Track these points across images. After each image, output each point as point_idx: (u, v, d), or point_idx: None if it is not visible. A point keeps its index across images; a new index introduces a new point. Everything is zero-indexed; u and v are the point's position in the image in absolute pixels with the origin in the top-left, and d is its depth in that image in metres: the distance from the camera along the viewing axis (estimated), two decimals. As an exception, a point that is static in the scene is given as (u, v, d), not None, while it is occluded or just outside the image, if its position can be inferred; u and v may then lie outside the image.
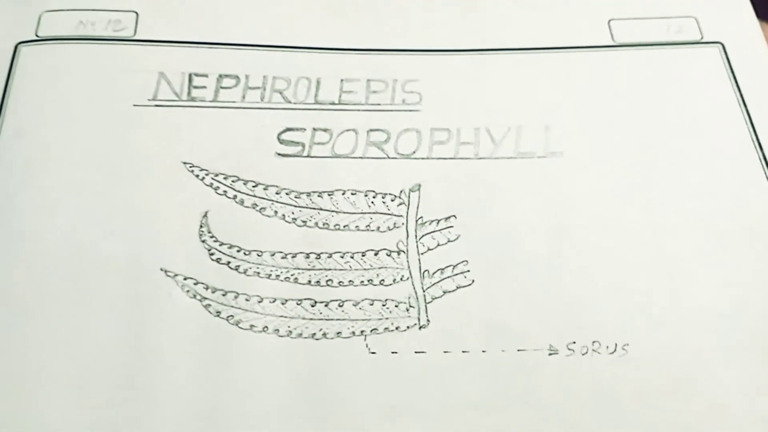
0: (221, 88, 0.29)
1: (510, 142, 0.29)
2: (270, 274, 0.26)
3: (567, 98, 0.30)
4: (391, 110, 0.29)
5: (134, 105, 0.29)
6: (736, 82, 0.30)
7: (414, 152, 0.29)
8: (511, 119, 0.29)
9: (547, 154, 0.29)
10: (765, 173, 0.28)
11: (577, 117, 0.30)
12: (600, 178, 0.28)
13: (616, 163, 0.29)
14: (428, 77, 0.30)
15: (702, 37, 0.32)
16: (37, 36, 0.30)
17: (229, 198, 0.27)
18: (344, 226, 0.27)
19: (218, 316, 0.25)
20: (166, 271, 0.26)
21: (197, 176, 0.28)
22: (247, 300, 0.26)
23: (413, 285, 0.26)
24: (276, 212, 0.27)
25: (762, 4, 0.33)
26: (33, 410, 0.23)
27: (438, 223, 0.27)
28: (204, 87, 0.29)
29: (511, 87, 0.30)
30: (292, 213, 0.27)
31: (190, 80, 0.29)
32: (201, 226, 0.27)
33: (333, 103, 0.29)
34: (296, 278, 0.26)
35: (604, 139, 0.29)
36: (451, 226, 0.27)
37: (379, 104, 0.29)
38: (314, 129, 0.29)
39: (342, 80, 0.30)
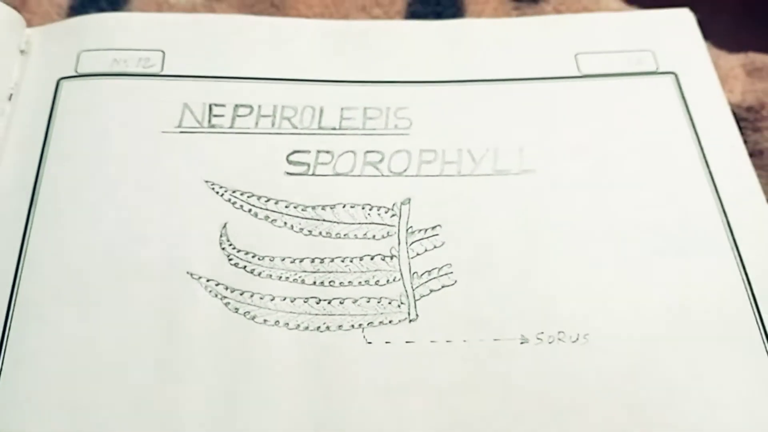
0: (237, 116, 0.31)
1: (488, 162, 0.31)
2: (281, 276, 0.28)
3: (539, 123, 0.32)
4: (385, 134, 0.31)
5: (162, 132, 0.30)
6: (687, 107, 0.33)
7: (405, 170, 0.30)
8: (489, 141, 0.31)
9: (521, 172, 0.31)
10: (710, 188, 0.31)
11: (548, 139, 0.32)
12: (567, 193, 0.30)
13: (581, 180, 0.31)
14: (417, 105, 0.32)
15: (657, 68, 0.34)
16: (76, 72, 0.32)
17: (245, 211, 0.29)
18: (344, 235, 0.29)
19: (237, 312, 0.27)
20: (191, 275, 0.27)
21: (217, 193, 0.29)
22: (261, 298, 0.27)
23: (404, 285, 0.28)
24: (285, 223, 0.29)
25: (716, 31, 0.36)
26: (83, 392, 0.25)
27: (426, 231, 0.29)
28: (222, 116, 0.31)
29: (490, 113, 0.32)
30: (300, 224, 0.29)
31: (210, 110, 0.31)
32: (221, 236, 0.28)
33: (334, 129, 0.31)
34: (303, 280, 0.28)
35: (572, 159, 0.31)
36: (437, 234, 0.29)
37: (374, 129, 0.31)
38: (318, 151, 0.30)
39: (342, 108, 0.32)
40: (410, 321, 0.27)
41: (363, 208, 0.29)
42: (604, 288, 0.28)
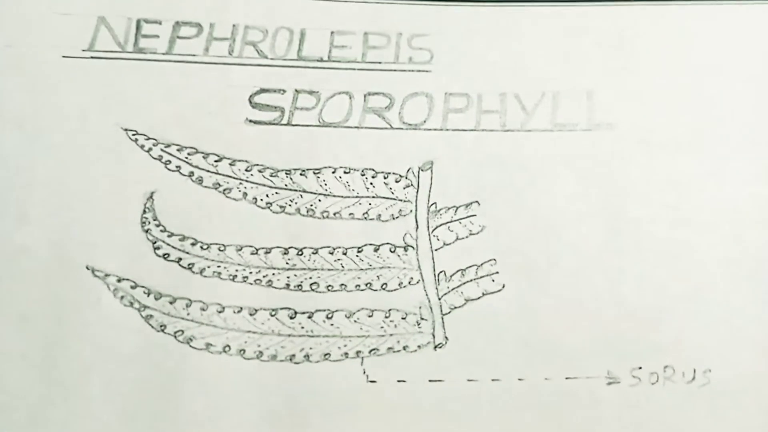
0: (178, 37, 0.27)
1: (545, 111, 0.27)
2: (235, 275, 0.25)
3: (614, 59, 0.28)
4: (395, 70, 0.28)
5: (63, 56, 0.27)
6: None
7: (424, 122, 0.27)
8: (545, 83, 0.28)
9: (593, 127, 0.27)
10: None
11: (627, 82, 0.27)
12: (661, 156, 0.26)
13: (679, 138, 0.27)
14: (441, 31, 0.28)
15: (780, -8, 0.29)
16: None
17: (184, 175, 0.26)
18: (335, 214, 0.26)
19: (163, 331, 0.24)
20: (94, 270, 0.24)
21: (142, 147, 0.26)
22: (203, 310, 0.24)
23: (425, 291, 0.25)
24: (245, 194, 0.25)
25: None
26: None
27: (456, 210, 0.26)
28: (156, 36, 0.27)
29: (544, 45, 0.28)
30: (267, 196, 0.26)
31: (138, 27, 0.27)
32: (144, 212, 0.25)
33: (321, 60, 0.27)
34: (270, 281, 0.25)
35: (663, 109, 0.27)
36: (474, 215, 0.26)
37: (379, 62, 0.28)
38: (297, 91, 0.27)
39: (332, 32, 0.28)
40: (436, 347, 0.24)
41: (363, 175, 0.26)
42: (727, 299, 0.24)
